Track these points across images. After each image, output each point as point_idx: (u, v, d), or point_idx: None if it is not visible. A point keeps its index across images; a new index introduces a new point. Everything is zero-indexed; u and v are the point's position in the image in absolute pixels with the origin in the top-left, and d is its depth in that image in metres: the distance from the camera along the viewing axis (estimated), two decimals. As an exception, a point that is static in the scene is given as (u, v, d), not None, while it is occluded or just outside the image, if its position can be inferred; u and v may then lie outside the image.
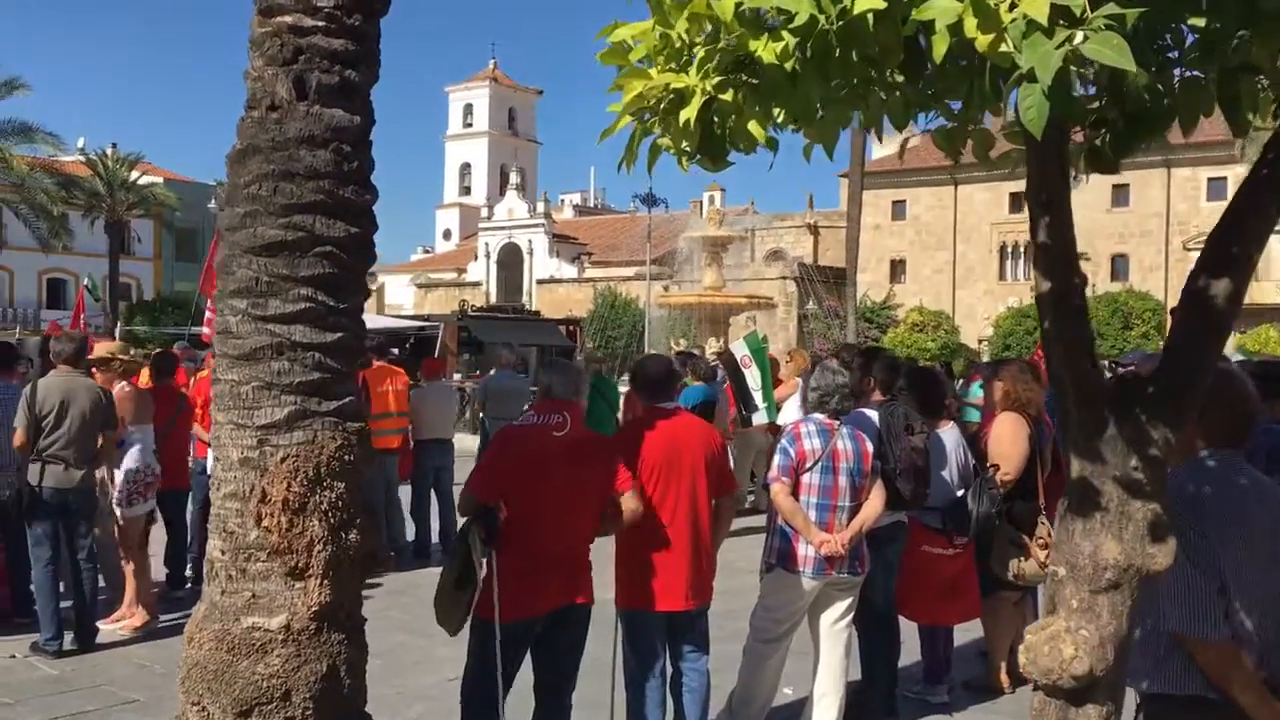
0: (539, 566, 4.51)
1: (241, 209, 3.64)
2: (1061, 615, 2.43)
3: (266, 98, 3.66)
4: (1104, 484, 2.38)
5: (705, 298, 25.05)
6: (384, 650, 7.12)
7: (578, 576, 4.60)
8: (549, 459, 4.53)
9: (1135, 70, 1.61)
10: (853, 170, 34.53)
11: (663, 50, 2.04)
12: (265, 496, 3.57)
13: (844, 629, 5.59)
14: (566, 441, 4.57)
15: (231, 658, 3.56)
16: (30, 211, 37.58)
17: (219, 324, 3.72)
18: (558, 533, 4.53)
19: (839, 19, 1.80)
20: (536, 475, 4.52)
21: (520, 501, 4.54)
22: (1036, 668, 2.43)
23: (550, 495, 4.51)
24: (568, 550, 4.58)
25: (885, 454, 5.80)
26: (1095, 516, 2.40)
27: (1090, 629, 2.37)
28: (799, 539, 5.40)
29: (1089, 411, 2.42)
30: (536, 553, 4.51)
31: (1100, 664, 2.36)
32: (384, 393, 10.21)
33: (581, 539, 4.66)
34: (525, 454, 4.58)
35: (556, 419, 4.62)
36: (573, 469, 4.54)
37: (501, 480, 4.60)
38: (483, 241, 62.81)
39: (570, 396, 4.76)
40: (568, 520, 4.56)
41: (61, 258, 40.86)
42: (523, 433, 4.73)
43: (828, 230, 54.83)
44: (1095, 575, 2.38)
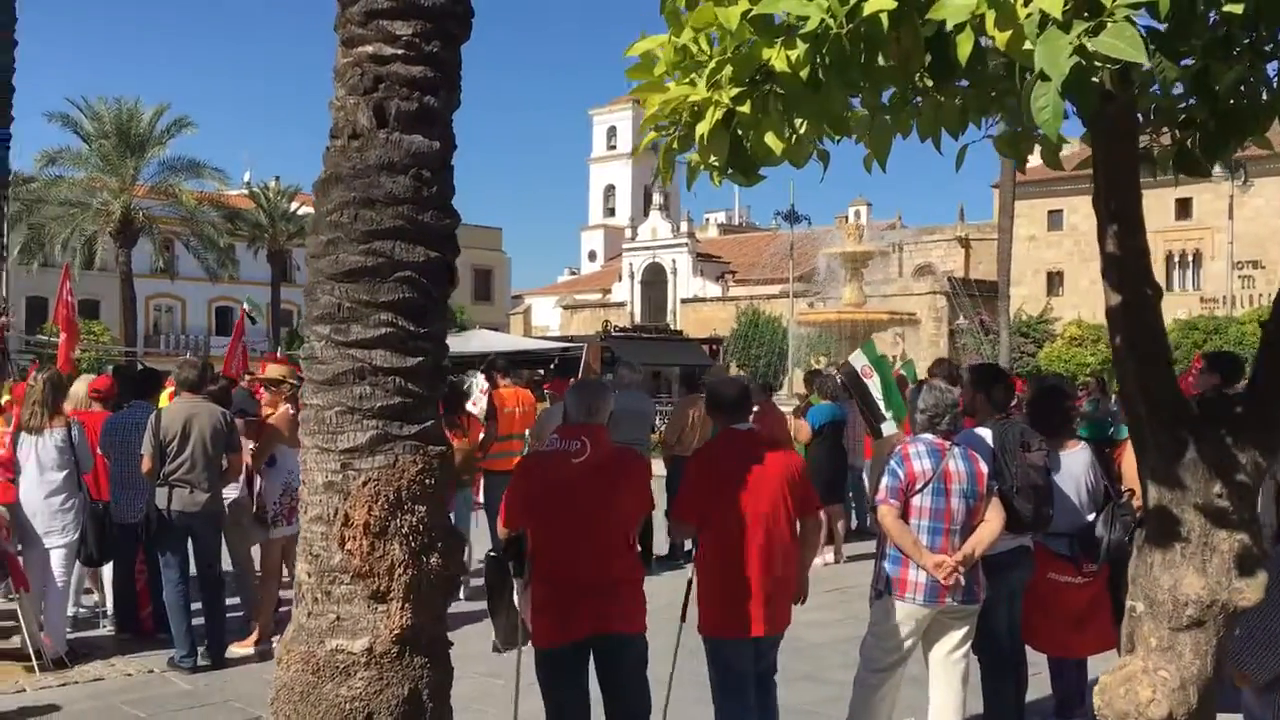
0: (564, 593, 4.46)
1: (325, 236, 3.72)
2: (1139, 655, 2.24)
3: (348, 126, 3.73)
4: (1184, 512, 2.18)
5: (845, 314, 24.70)
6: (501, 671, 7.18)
7: (613, 603, 4.48)
8: (565, 487, 4.47)
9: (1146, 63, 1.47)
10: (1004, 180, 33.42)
11: (681, 63, 1.98)
12: (348, 520, 3.62)
13: (959, 660, 5.34)
14: (586, 467, 4.48)
15: (316, 679, 3.61)
16: (199, 243, 39.83)
17: (305, 350, 3.79)
18: (581, 559, 4.46)
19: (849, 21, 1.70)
20: (554, 504, 4.49)
21: (541, 531, 4.52)
22: (1112, 711, 2.24)
23: (569, 523, 4.46)
24: (595, 576, 4.46)
25: (1001, 473, 5.55)
26: (1175, 547, 2.21)
27: (1170, 670, 2.18)
28: (909, 564, 5.20)
29: (1167, 433, 2.23)
30: (560, 579, 4.47)
31: (1181, 708, 2.17)
32: (510, 414, 10.34)
33: (611, 564, 4.52)
34: (543, 483, 4.56)
35: (575, 445, 4.53)
36: (594, 495, 4.46)
37: (521, 510, 4.58)
38: (627, 262, 63.38)
39: (585, 420, 4.63)
40: (592, 546, 4.47)
41: (228, 286, 43.11)
42: (541, 461, 4.74)
43: (979, 243, 53.31)
44: (1176, 612, 2.19)
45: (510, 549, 4.58)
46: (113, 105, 38.11)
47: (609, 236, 73.72)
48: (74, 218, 37.05)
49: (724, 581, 4.81)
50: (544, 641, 4.48)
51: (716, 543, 4.85)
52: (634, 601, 4.56)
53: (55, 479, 7.23)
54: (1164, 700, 2.15)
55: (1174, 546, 2.20)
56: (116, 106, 38.12)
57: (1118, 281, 2.26)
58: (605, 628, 4.45)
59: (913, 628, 5.28)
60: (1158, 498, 2.24)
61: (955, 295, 45.48)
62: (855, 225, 32.61)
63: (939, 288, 46.78)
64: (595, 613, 4.44)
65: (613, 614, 4.46)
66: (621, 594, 4.51)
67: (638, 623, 4.55)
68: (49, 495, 7.22)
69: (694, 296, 58.41)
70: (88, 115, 37.91)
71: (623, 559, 4.56)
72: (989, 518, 5.28)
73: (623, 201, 76.37)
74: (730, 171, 2.15)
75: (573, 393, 4.89)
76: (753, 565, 4.81)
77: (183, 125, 38.81)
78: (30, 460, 7.21)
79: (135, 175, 38.13)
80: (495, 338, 32.63)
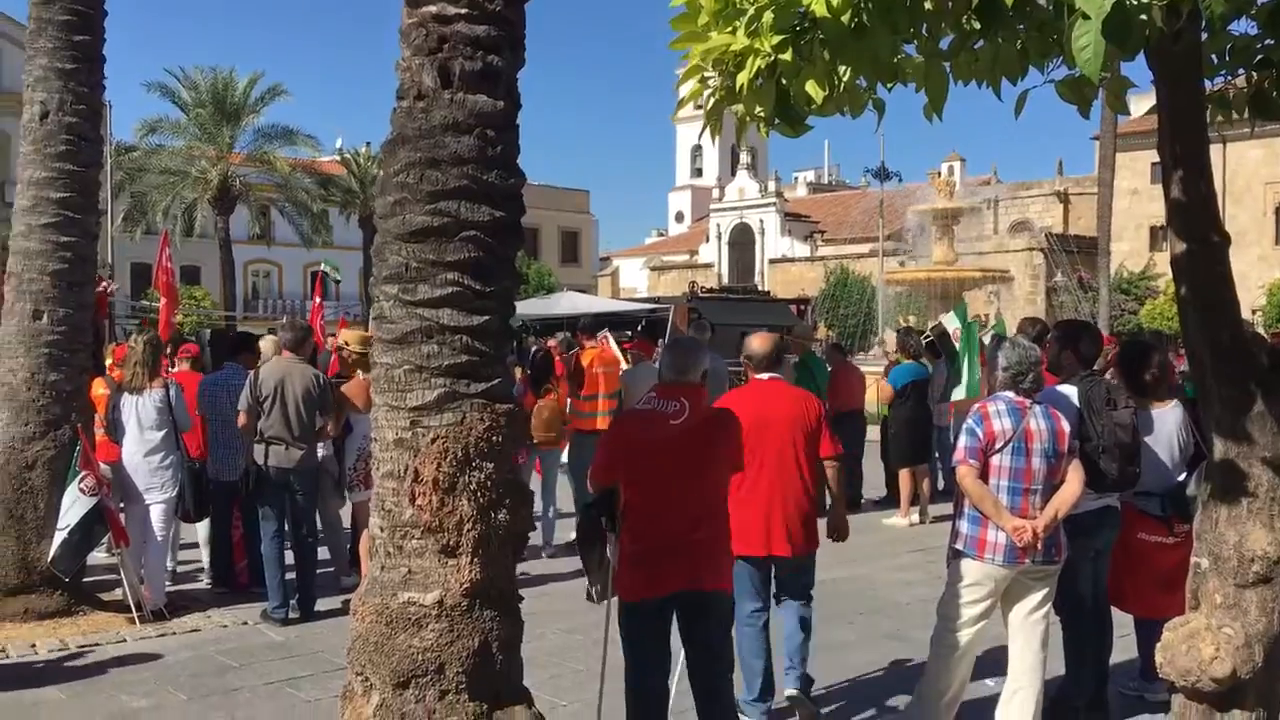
0: (651, 550, 4.44)
1: (392, 197, 3.77)
2: (1203, 611, 2.19)
3: (414, 87, 3.77)
4: (1251, 466, 2.12)
5: (935, 273, 24.24)
6: (582, 627, 7.29)
7: (702, 562, 4.46)
8: (661, 448, 4.44)
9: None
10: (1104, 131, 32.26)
11: (723, 11, 1.95)
12: (418, 476, 3.69)
13: (1039, 620, 5.24)
14: (682, 429, 4.45)
15: (390, 631, 3.70)
16: (293, 209, 40.68)
17: (375, 309, 3.86)
18: (671, 519, 4.44)
19: (889, -38, 1.66)
20: (648, 464, 4.47)
21: (633, 488, 4.51)
22: (1174, 668, 2.20)
23: (662, 484, 4.45)
24: (685, 536, 4.44)
25: (1087, 431, 5.41)
26: (1242, 503, 2.15)
27: (1235, 627, 2.12)
28: (988, 524, 5.10)
29: (1233, 386, 2.15)
30: (650, 537, 4.46)
31: (1245, 666, 2.11)
32: (595, 374, 10.36)
33: (703, 524, 4.51)
34: (638, 441, 4.54)
35: (673, 406, 4.50)
36: (690, 457, 4.45)
37: (615, 466, 4.59)
38: (714, 223, 63.02)
39: (677, 379, 4.59)
40: (683, 508, 4.46)
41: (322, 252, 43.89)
42: (637, 419, 4.71)
43: (1079, 197, 51.74)
44: (1241, 568, 2.13)
45: (603, 503, 4.59)
46: (209, 75, 39.02)
47: (696, 197, 73.32)
48: (174, 186, 38.11)
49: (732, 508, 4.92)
50: (631, 595, 4.49)
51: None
52: (722, 560, 4.59)
53: (154, 438, 7.51)
54: (1227, 658, 2.09)
55: (1240, 502, 2.13)
56: (212, 76, 39.03)
57: (1182, 228, 2.19)
58: (693, 585, 4.44)
59: (991, 588, 5.19)
60: (1224, 451, 2.18)
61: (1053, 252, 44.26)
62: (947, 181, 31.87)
63: (1036, 244, 45.57)
64: (683, 571, 4.43)
65: (700, 572, 4.45)
66: (710, 553, 4.50)
67: (725, 580, 4.58)
68: (148, 454, 7.50)
69: (782, 256, 57.85)
70: (185, 85, 38.87)
71: (713, 520, 4.57)
72: (1070, 479, 5.15)
73: (710, 162, 75.82)
74: (777, 122, 2.11)
75: (667, 351, 4.86)
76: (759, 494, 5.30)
77: (276, 93, 39.62)
78: (131, 419, 7.50)
79: (231, 143, 39.05)
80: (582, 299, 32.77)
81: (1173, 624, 2.21)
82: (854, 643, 6.99)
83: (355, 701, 3.75)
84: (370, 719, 3.66)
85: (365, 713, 3.68)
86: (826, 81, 1.91)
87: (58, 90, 7.51)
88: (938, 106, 2.32)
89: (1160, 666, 2.22)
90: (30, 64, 7.65)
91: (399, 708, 3.65)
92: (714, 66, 1.99)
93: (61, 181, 7.53)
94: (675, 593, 4.44)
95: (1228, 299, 2.16)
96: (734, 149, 68.64)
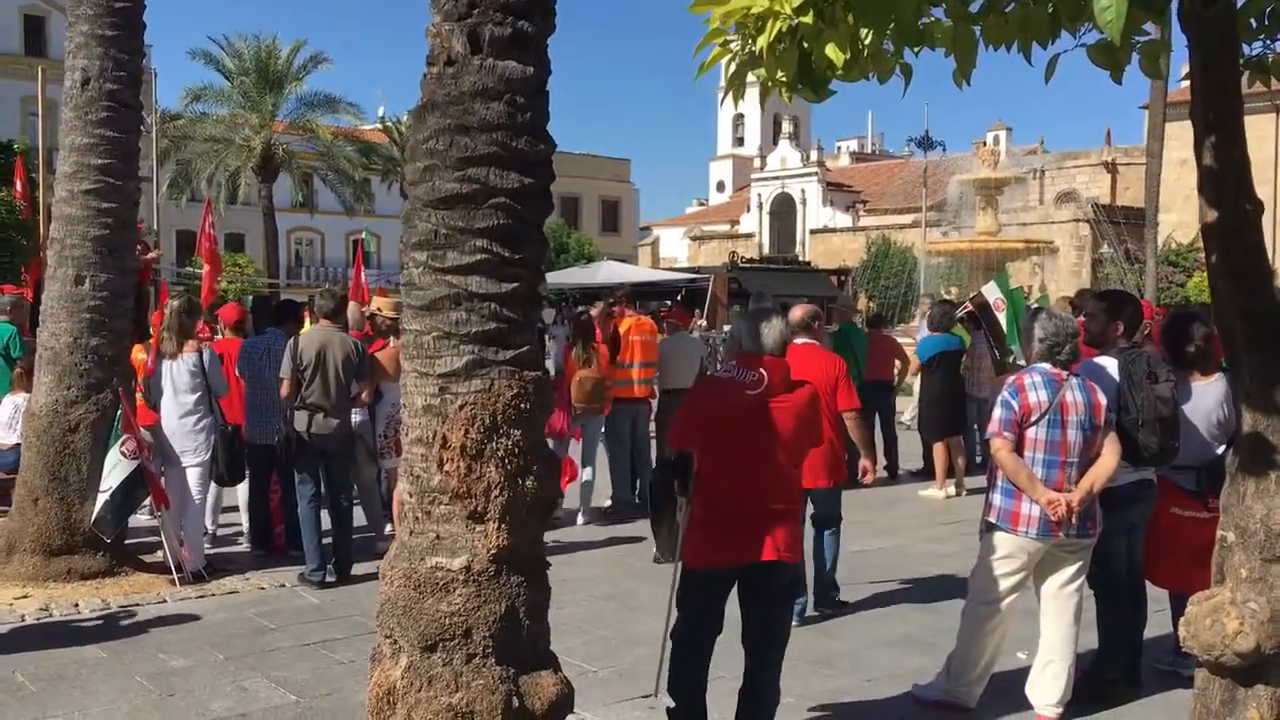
0: (722, 519, 4.46)
1: (421, 163, 3.76)
2: (1228, 586, 2.15)
3: (444, 53, 3.74)
4: None
5: (978, 244, 23.93)
6: (614, 594, 7.34)
7: (770, 533, 4.44)
8: (737, 418, 4.46)
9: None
10: (1153, 100, 31.55)
11: (744, -29, 1.92)
12: (445, 442, 3.70)
13: (1073, 593, 5.20)
14: (759, 400, 4.45)
15: (418, 595, 3.73)
16: (335, 178, 40.88)
17: (404, 276, 3.87)
18: (744, 489, 4.46)
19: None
20: (722, 433, 4.48)
21: (706, 456, 4.51)
22: (1197, 643, 2.17)
23: (736, 454, 4.46)
24: (757, 506, 4.46)
25: (1126, 404, 5.34)
26: (1270, 476, 2.11)
27: (1260, 602, 2.09)
28: (1022, 497, 5.07)
29: (1263, 355, 2.11)
30: (721, 506, 4.47)
31: (1270, 641, 2.07)
32: (632, 342, 10.34)
33: (775, 495, 4.51)
34: (715, 411, 4.55)
35: (752, 376, 4.50)
36: (765, 429, 4.44)
37: (690, 434, 4.60)
38: (755, 192, 62.63)
39: (754, 349, 4.58)
40: (756, 479, 4.46)
41: (364, 220, 44.15)
42: (715, 387, 4.74)
43: (1127, 168, 50.74)
44: (1268, 542, 2.09)
45: (677, 467, 4.60)
46: (252, 43, 39.19)
47: (738, 167, 72.84)
48: (218, 153, 38.41)
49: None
50: (696, 562, 4.52)
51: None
52: (791, 532, 4.55)
53: (188, 401, 7.62)
54: (1251, 633, 2.06)
55: (1269, 475, 2.09)
56: (255, 44, 39.19)
57: (1214, 196, 2.13)
58: (760, 556, 4.44)
59: (1024, 561, 5.16)
60: (1252, 424, 2.14)
61: (1099, 223, 43.53)
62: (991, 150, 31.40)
63: (1082, 215, 44.82)
64: (752, 541, 4.44)
65: (769, 543, 4.44)
66: (780, 525, 4.49)
67: (791, 553, 4.56)
68: (183, 416, 7.62)
69: (823, 227, 57.41)
70: (228, 53, 39.06)
71: (786, 492, 4.58)
72: (1105, 452, 5.09)
73: (752, 131, 75.20)
74: (800, 87, 2.08)
75: (746, 320, 4.83)
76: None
77: (318, 61, 39.74)
78: (167, 384, 7.62)
79: (274, 111, 39.24)
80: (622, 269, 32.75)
81: (1197, 598, 2.18)
82: (886, 613, 6.98)
83: (384, 664, 3.79)
84: (398, 681, 3.70)
85: (393, 675, 3.72)
86: (849, 45, 1.87)
87: (98, 57, 7.58)
88: (966, 71, 2.28)
89: (1184, 640, 2.19)
90: (71, 30, 7.72)
91: (426, 670, 3.68)
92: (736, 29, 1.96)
93: (102, 148, 7.61)
94: (741, 562, 4.47)
95: (1261, 269, 2.11)
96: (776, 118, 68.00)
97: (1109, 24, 1.50)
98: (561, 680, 3.84)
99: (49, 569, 7.25)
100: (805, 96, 2.10)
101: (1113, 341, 5.76)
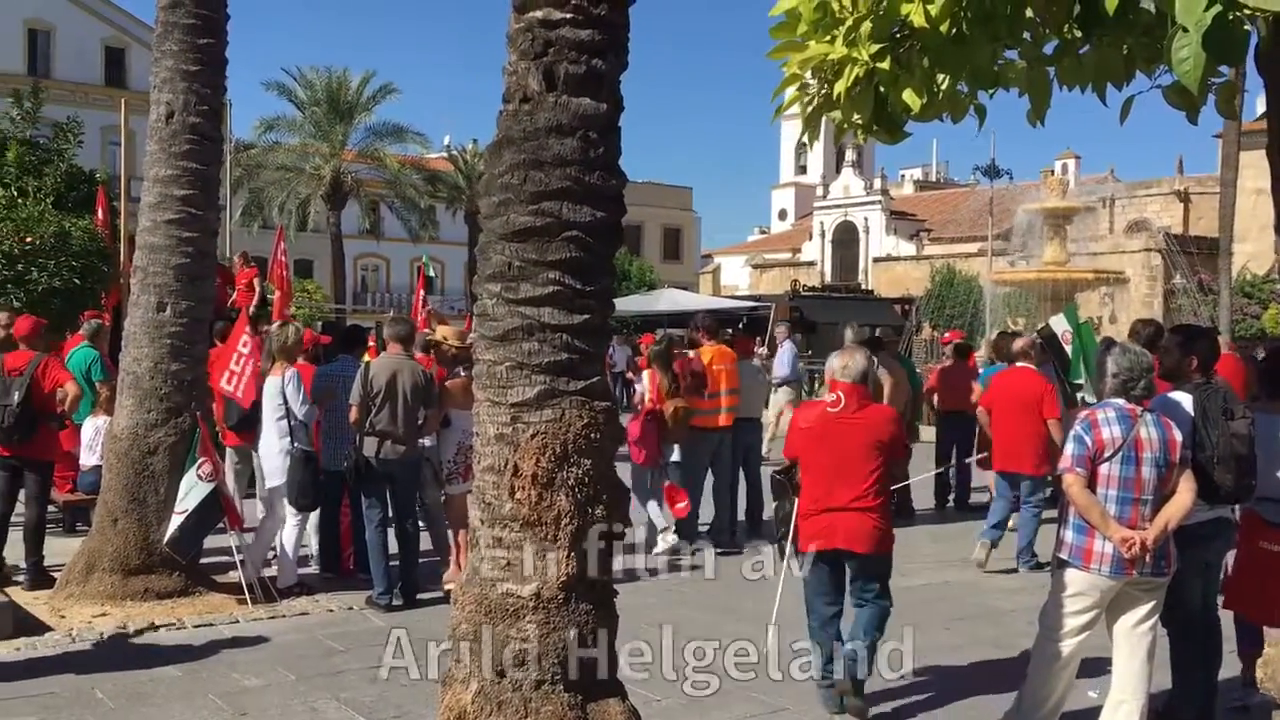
0: (816, 513, 5.60)
1: (496, 197, 3.86)
2: (1311, 632, 2.12)
3: (519, 90, 3.85)
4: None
5: (1045, 274, 23.58)
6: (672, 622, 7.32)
7: (855, 527, 5.50)
8: (821, 431, 5.62)
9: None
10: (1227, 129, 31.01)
11: (821, 20, 1.96)
12: (517, 471, 3.78)
13: (1146, 632, 5.11)
14: (838, 418, 5.57)
15: (489, 620, 3.79)
16: (402, 205, 41.62)
17: (478, 307, 3.96)
18: (829, 489, 5.54)
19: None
20: (809, 444, 5.69)
21: (803, 461, 5.74)
22: (1274, 685, 2.13)
23: (820, 460, 5.60)
24: (839, 505, 5.51)
25: (1202, 441, 5.26)
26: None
27: (1344, 650, 2.05)
28: (1094, 534, 5.00)
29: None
30: (813, 502, 5.61)
31: (1354, 691, 2.04)
32: (716, 372, 10.22)
33: (852, 496, 5.50)
34: (805, 427, 5.75)
35: (834, 399, 5.62)
36: (842, 441, 5.55)
37: (792, 445, 5.88)
38: (817, 220, 62.38)
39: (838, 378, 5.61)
40: (837, 481, 5.53)
41: (428, 246, 44.78)
42: (808, 408, 6.06)
43: (1200, 197, 49.79)
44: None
45: (789, 470, 5.89)
46: (323, 74, 40.12)
47: (800, 195, 72.69)
48: (289, 182, 39.31)
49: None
50: (804, 546, 5.66)
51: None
52: (874, 527, 5.53)
53: (272, 424, 7.87)
54: (1335, 680, 2.03)
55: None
56: (327, 75, 40.13)
57: (1296, 236, 2.12)
58: (848, 545, 5.52)
59: (1097, 599, 5.09)
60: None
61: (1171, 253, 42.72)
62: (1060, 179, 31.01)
63: (1154, 244, 44.03)
64: (842, 532, 5.52)
65: (850, 536, 5.50)
66: (862, 520, 5.52)
67: (875, 545, 5.54)
68: (269, 438, 7.87)
69: (886, 255, 57.00)
70: (301, 84, 40.06)
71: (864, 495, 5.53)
72: (1181, 490, 5.01)
73: (814, 159, 75.05)
74: (875, 129, 2.11)
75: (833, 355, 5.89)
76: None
77: (387, 92, 40.61)
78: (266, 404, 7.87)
79: (344, 141, 40.11)
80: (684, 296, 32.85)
81: (1275, 638, 2.14)
82: (954, 648, 6.90)
83: (455, 688, 3.85)
84: (469, 705, 3.76)
85: (464, 699, 3.78)
86: (925, 89, 1.91)
87: (183, 91, 7.82)
88: (1040, 113, 2.31)
89: (1261, 682, 2.17)
90: (157, 66, 7.97)
91: (496, 695, 3.74)
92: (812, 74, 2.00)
93: (185, 179, 7.85)
94: (835, 549, 5.56)
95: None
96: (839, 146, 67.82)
97: (1186, 74, 1.53)
98: (629, 709, 3.88)
99: (127, 588, 7.43)
100: (880, 139, 2.15)
101: (1187, 376, 5.68)
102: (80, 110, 24.80)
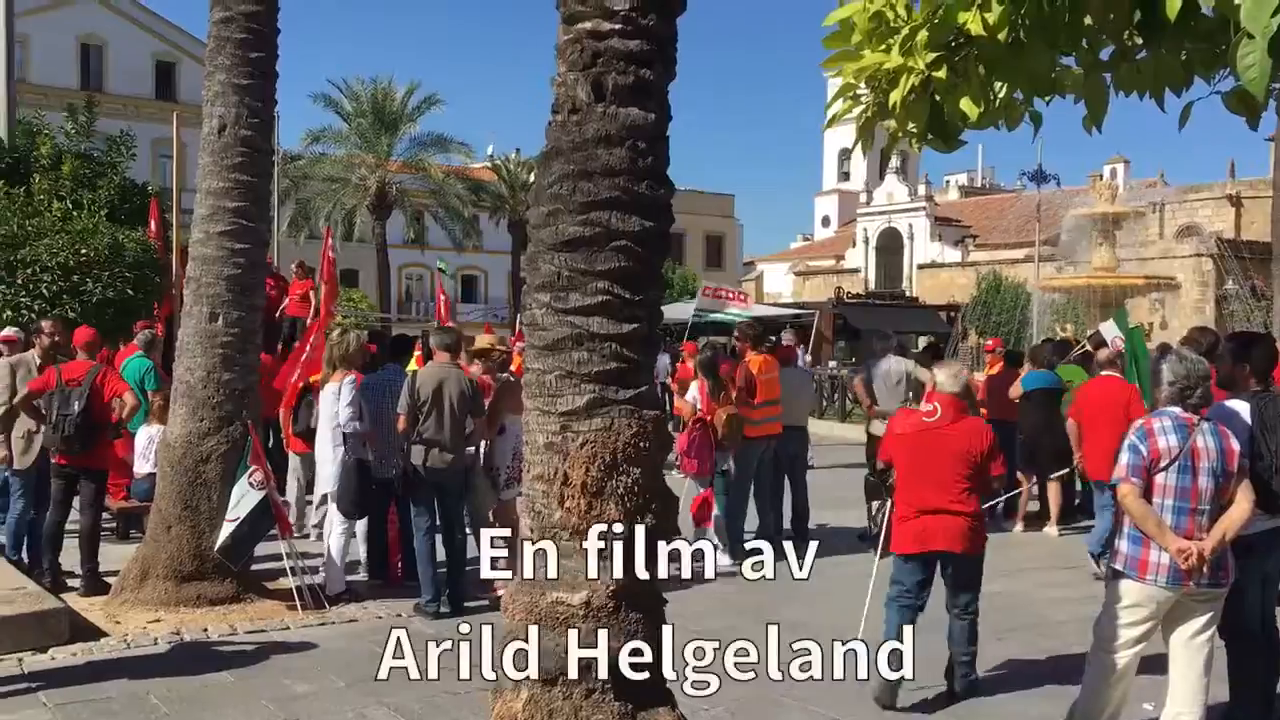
0: (909, 516, 5.88)
1: (545, 208, 3.88)
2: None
3: (568, 101, 3.87)
4: None
5: (1095, 279, 23.33)
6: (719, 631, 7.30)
7: (948, 528, 5.80)
8: (914, 439, 5.94)
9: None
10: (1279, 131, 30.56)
11: (876, 30, 1.95)
12: (567, 479, 3.79)
13: (1203, 644, 5.02)
14: (931, 426, 5.91)
15: (539, 628, 3.81)
16: (445, 215, 41.96)
17: (527, 316, 3.98)
18: (922, 492, 5.84)
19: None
20: (903, 450, 6.02)
21: (898, 465, 6.04)
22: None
23: (913, 466, 5.91)
24: (932, 508, 5.80)
25: (1260, 450, 5.17)
26: None
27: None
28: (1150, 544, 4.92)
29: None
30: (907, 506, 5.90)
31: None
32: (769, 380, 10.14)
33: (945, 499, 5.80)
34: (899, 433, 6.10)
35: (930, 408, 6.01)
36: (934, 447, 5.85)
37: (887, 449, 6.20)
38: (861, 227, 62.06)
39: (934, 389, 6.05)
40: (930, 484, 5.82)
41: (473, 256, 45.13)
42: (904, 415, 6.42)
43: (1253, 201, 48.90)
44: None
45: (884, 473, 6.30)
46: (369, 85, 40.57)
47: (843, 201, 72.24)
48: (335, 193, 39.77)
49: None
50: (896, 548, 5.96)
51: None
52: (969, 527, 5.84)
53: (325, 431, 8.00)
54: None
55: None
56: (372, 86, 40.58)
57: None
58: (948, 546, 5.82)
59: (1153, 610, 5.00)
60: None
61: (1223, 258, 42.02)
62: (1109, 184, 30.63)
63: (1205, 250, 43.34)
64: (940, 534, 5.81)
65: (953, 536, 5.81)
66: (956, 522, 5.81)
67: (971, 544, 5.86)
68: (324, 445, 7.97)
69: (931, 262, 56.55)
70: (347, 95, 40.55)
71: (955, 500, 5.82)
72: (1239, 499, 4.92)
73: (858, 165, 74.60)
74: (930, 138, 2.11)
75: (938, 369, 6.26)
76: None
77: (432, 103, 40.97)
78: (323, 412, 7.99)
79: (389, 151, 40.52)
80: (726, 304, 32.67)
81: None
82: (1008, 659, 6.82)
83: (505, 696, 3.87)
84: (519, 713, 3.77)
85: (515, 707, 3.80)
86: (982, 97, 1.90)
87: (234, 105, 7.94)
88: (1097, 119, 2.28)
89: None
90: (209, 80, 8.09)
91: (547, 704, 3.75)
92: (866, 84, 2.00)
93: (237, 191, 7.96)
94: (927, 551, 5.85)
95: None
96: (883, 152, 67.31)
97: (1252, 80, 1.50)
98: (679, 718, 3.87)
99: (180, 594, 7.53)
100: (935, 147, 2.13)
101: (1244, 384, 5.59)
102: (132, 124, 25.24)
